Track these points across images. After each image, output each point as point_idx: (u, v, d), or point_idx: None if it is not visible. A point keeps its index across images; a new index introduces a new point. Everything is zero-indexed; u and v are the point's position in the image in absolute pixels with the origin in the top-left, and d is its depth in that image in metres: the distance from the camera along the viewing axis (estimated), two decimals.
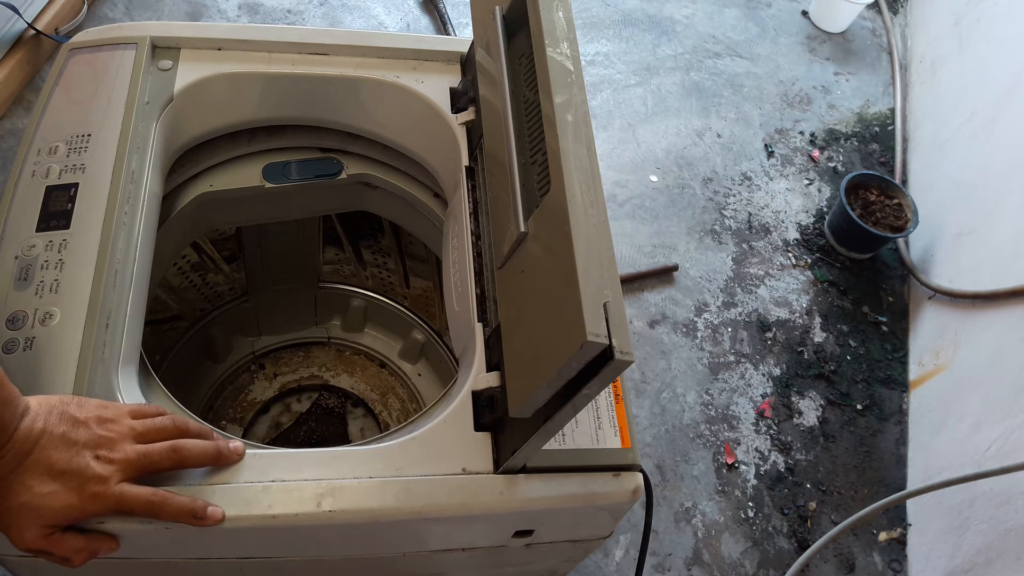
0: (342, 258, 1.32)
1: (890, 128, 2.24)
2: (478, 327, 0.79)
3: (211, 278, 1.24)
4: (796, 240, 1.97)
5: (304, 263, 1.29)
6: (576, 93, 0.67)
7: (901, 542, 1.57)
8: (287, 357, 1.39)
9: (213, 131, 0.96)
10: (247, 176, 1.02)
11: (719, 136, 2.13)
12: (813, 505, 1.59)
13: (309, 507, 0.67)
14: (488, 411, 0.74)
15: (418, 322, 1.35)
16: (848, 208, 1.85)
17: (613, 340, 0.54)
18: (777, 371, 1.75)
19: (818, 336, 1.82)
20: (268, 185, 1.02)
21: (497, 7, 0.80)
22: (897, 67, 2.35)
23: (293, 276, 1.30)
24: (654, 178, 2.01)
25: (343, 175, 1.05)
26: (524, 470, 0.72)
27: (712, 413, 1.67)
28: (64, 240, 0.75)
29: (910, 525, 1.58)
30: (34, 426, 0.59)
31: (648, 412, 1.64)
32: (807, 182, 2.09)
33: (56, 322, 0.70)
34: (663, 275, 1.84)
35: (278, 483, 0.67)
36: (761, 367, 1.75)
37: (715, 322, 1.80)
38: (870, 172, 1.95)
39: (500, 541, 0.78)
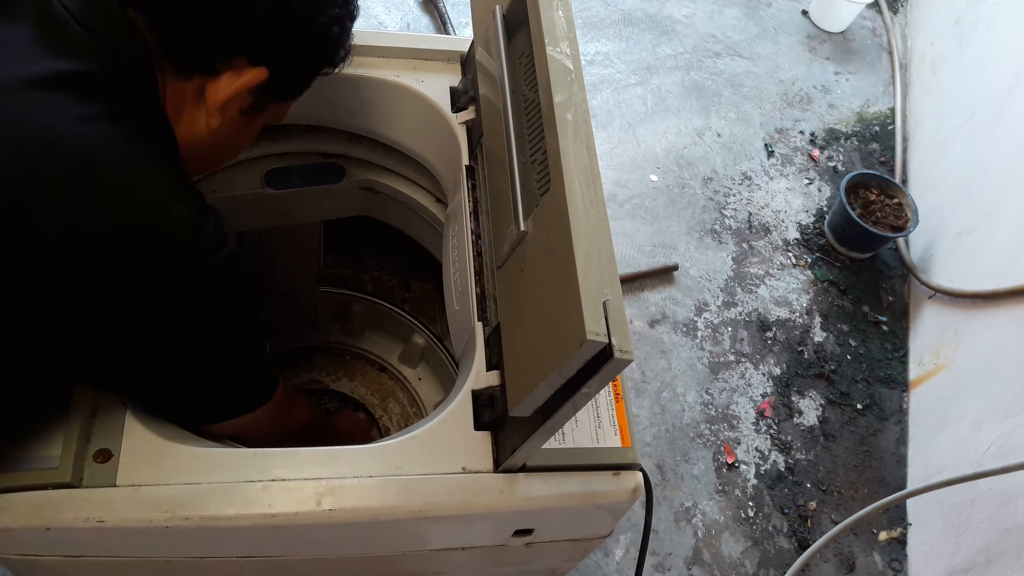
0: (343, 262, 1.31)
1: (890, 127, 2.24)
2: (478, 326, 0.79)
3: None
4: (796, 240, 1.97)
5: (305, 267, 1.29)
6: (576, 92, 0.67)
7: (901, 541, 1.57)
8: (287, 361, 1.38)
9: None
10: (248, 181, 1.01)
11: (719, 136, 2.13)
12: (813, 505, 1.59)
13: (309, 506, 0.67)
14: (488, 410, 0.74)
15: (418, 326, 1.34)
16: (848, 207, 1.85)
17: (612, 339, 0.54)
18: (777, 371, 1.75)
19: (818, 336, 1.82)
20: (270, 191, 1.01)
21: (497, 6, 0.80)
22: (897, 67, 2.35)
23: (293, 280, 1.30)
24: (654, 178, 2.01)
25: (345, 181, 1.05)
26: (524, 469, 0.72)
27: (712, 413, 1.67)
28: None
29: (910, 525, 1.58)
30: None
31: (648, 411, 1.64)
32: (807, 182, 2.09)
33: None
34: (663, 275, 1.84)
35: (278, 482, 0.67)
36: (761, 367, 1.75)
37: (715, 322, 1.80)
38: (870, 172, 1.95)
39: (500, 540, 0.78)
